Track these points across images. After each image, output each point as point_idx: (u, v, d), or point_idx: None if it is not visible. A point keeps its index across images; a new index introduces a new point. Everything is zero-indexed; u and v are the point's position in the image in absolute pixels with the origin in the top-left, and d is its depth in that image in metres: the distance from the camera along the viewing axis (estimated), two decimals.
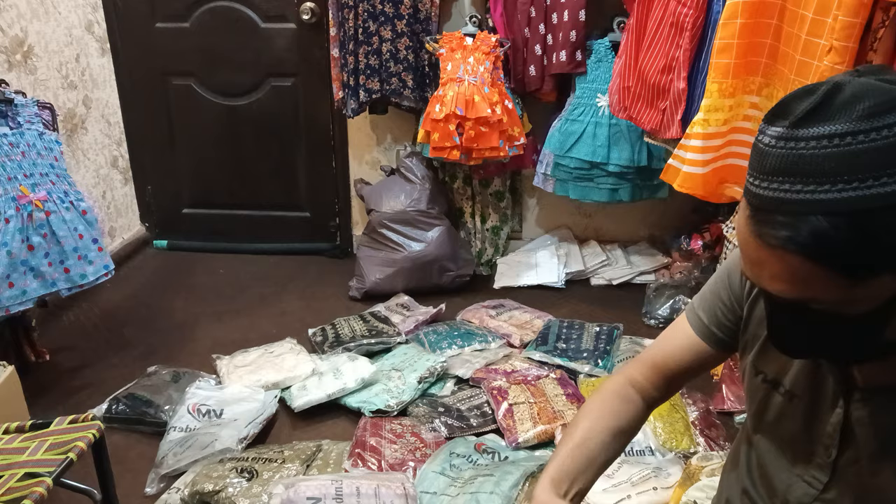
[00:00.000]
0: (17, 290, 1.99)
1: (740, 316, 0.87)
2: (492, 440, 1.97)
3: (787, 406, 0.80)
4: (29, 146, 2.09)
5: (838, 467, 0.76)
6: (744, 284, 0.86)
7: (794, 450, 0.80)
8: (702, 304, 0.92)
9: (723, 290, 0.89)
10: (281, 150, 3.26)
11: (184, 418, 2.02)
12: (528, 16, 2.65)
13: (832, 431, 0.75)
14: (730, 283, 0.88)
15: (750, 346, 0.85)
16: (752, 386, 0.85)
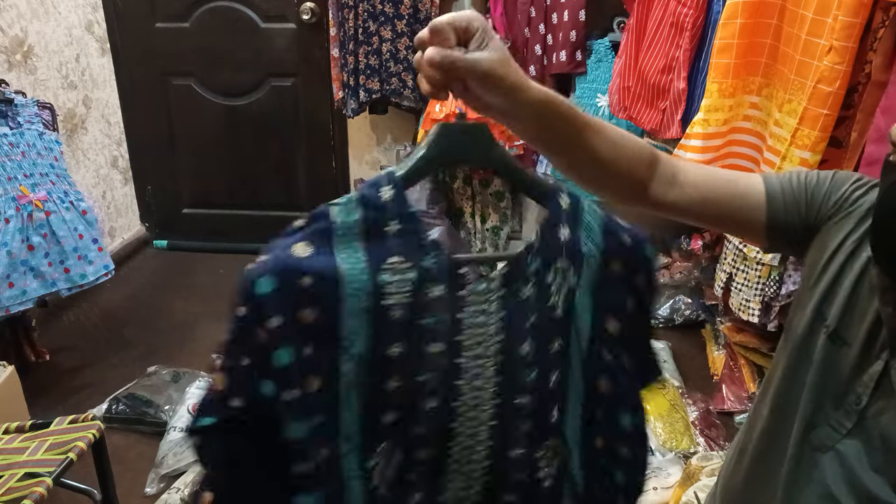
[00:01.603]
0: (17, 290, 1.99)
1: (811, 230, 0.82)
2: None
3: (832, 351, 0.80)
4: (29, 146, 2.09)
5: (865, 416, 0.77)
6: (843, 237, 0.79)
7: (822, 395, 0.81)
8: (784, 181, 0.83)
9: (819, 193, 0.81)
10: (281, 150, 3.26)
11: (184, 418, 2.02)
12: (528, 16, 2.65)
13: (868, 380, 0.76)
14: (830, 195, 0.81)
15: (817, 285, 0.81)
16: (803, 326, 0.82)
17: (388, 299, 0.61)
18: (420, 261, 0.62)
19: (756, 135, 1.80)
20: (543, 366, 0.65)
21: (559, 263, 0.66)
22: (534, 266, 0.66)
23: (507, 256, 0.67)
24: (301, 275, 0.61)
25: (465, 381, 0.65)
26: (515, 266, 0.66)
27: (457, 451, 0.66)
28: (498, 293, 0.65)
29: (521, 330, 0.65)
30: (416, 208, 0.65)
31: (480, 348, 0.65)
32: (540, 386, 0.66)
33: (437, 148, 0.66)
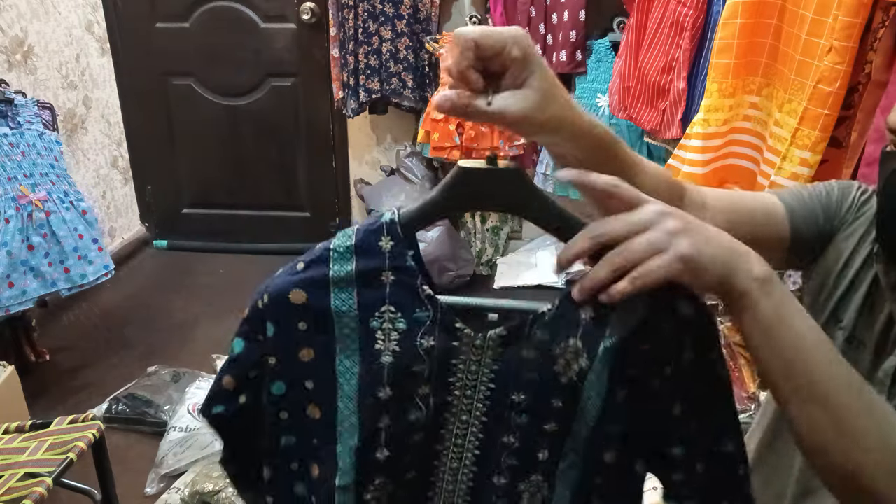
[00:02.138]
0: (17, 290, 1.99)
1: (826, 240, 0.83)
2: None
3: (849, 352, 0.80)
4: (29, 146, 2.09)
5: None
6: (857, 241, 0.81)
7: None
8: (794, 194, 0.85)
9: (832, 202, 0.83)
10: (281, 150, 3.26)
11: (184, 418, 2.02)
12: (528, 16, 2.65)
13: (884, 377, 0.76)
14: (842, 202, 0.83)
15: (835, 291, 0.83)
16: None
17: (377, 344, 0.64)
18: (412, 313, 0.64)
19: (756, 135, 1.80)
20: (538, 414, 0.64)
21: (570, 342, 0.62)
22: (538, 337, 0.63)
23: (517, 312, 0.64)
24: (298, 319, 0.65)
25: (452, 414, 0.66)
26: (517, 331, 0.63)
27: (441, 479, 0.69)
28: (496, 350, 0.64)
29: (517, 382, 0.64)
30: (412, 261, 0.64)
31: (470, 391, 0.66)
32: (530, 429, 0.65)
33: (452, 193, 0.63)
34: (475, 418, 0.66)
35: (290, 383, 0.67)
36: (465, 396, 0.66)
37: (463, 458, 0.68)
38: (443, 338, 0.64)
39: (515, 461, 0.66)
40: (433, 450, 0.68)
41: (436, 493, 0.69)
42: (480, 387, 0.65)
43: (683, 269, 0.56)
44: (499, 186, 0.62)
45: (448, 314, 0.64)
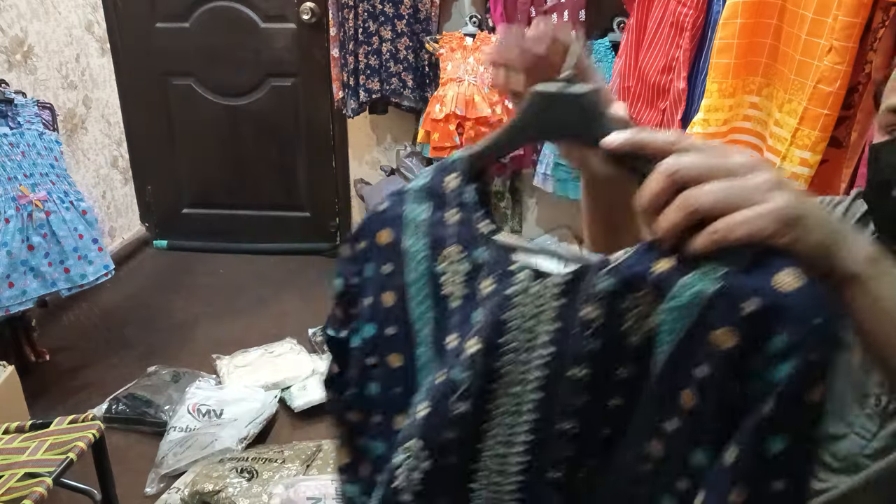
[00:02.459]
0: (17, 290, 1.99)
1: None
2: None
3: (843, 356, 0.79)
4: (29, 146, 2.09)
5: (886, 413, 0.75)
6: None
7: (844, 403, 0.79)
8: None
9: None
10: (281, 150, 3.26)
11: (184, 418, 2.02)
12: (528, 16, 2.65)
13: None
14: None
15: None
16: None
17: (444, 289, 0.61)
18: (473, 253, 0.59)
19: (756, 135, 1.80)
20: (600, 393, 0.56)
21: (641, 293, 0.52)
22: (603, 285, 0.54)
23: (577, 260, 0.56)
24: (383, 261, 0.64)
25: (500, 386, 0.59)
26: (580, 279, 0.55)
27: (487, 459, 0.61)
28: (554, 302, 0.56)
29: (577, 351, 0.56)
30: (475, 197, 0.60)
31: (523, 355, 0.58)
32: (590, 412, 0.57)
33: (528, 119, 0.57)
34: (528, 391, 0.58)
35: (378, 327, 0.65)
36: (517, 362, 0.58)
37: (511, 443, 0.60)
38: (500, 282, 0.58)
39: (573, 450, 0.58)
40: (478, 429, 0.60)
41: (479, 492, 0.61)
42: (536, 351, 0.57)
43: (782, 227, 0.46)
44: (574, 114, 0.55)
45: (505, 254, 0.58)
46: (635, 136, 0.51)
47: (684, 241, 0.48)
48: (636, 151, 0.51)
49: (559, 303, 0.56)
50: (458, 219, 0.60)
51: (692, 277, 0.49)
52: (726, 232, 0.46)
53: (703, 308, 0.49)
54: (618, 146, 0.52)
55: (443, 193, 0.61)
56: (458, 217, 0.60)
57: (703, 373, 0.50)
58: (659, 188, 0.48)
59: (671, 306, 0.50)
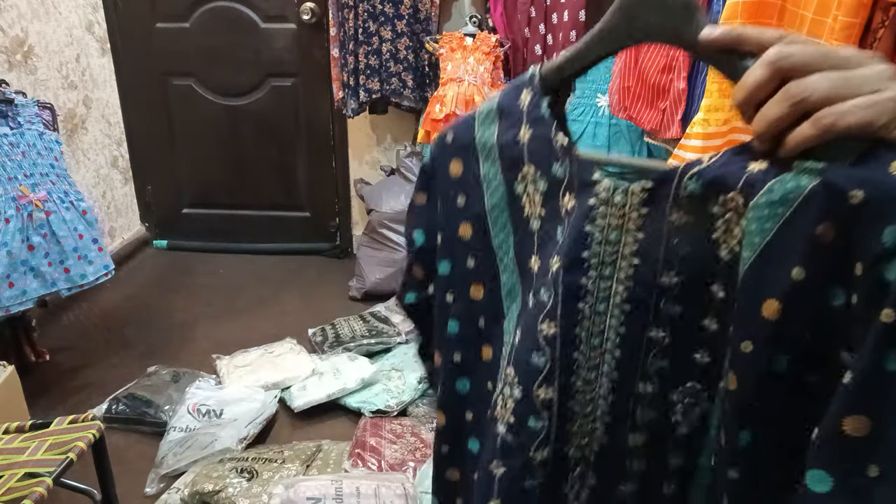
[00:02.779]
0: (17, 290, 1.99)
1: None
2: None
3: None
4: (29, 146, 2.09)
5: None
6: None
7: None
8: None
9: None
10: (281, 150, 3.26)
11: (184, 418, 2.02)
12: (528, 16, 2.65)
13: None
14: None
15: None
16: None
17: (525, 211, 0.59)
18: (550, 168, 0.57)
19: None
20: (694, 303, 0.52)
21: (731, 196, 0.48)
22: (691, 188, 0.50)
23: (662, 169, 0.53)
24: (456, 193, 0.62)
25: (587, 303, 0.56)
26: (667, 183, 0.51)
27: (579, 384, 0.58)
28: (639, 210, 0.53)
29: (666, 258, 0.52)
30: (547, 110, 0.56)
31: (609, 269, 0.55)
32: (684, 322, 0.53)
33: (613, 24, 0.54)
34: (615, 306, 0.55)
35: (453, 262, 0.63)
36: (603, 277, 0.55)
37: (601, 362, 0.56)
38: (581, 195, 0.55)
39: (666, 363, 0.54)
40: (569, 361, 0.57)
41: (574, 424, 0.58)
42: (621, 262, 0.54)
43: (891, 118, 0.41)
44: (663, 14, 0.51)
45: (585, 165, 0.55)
46: (736, 28, 0.47)
47: (782, 143, 0.44)
48: (736, 46, 0.47)
49: (645, 210, 0.53)
50: (532, 135, 0.57)
51: (789, 175, 0.44)
52: (836, 118, 0.41)
53: (799, 204, 0.44)
54: (716, 38, 0.48)
55: (515, 111, 0.58)
56: (531, 133, 0.57)
57: (798, 276, 0.45)
58: (763, 77, 0.44)
59: (762, 202, 0.46)
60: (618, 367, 0.56)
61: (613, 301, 0.55)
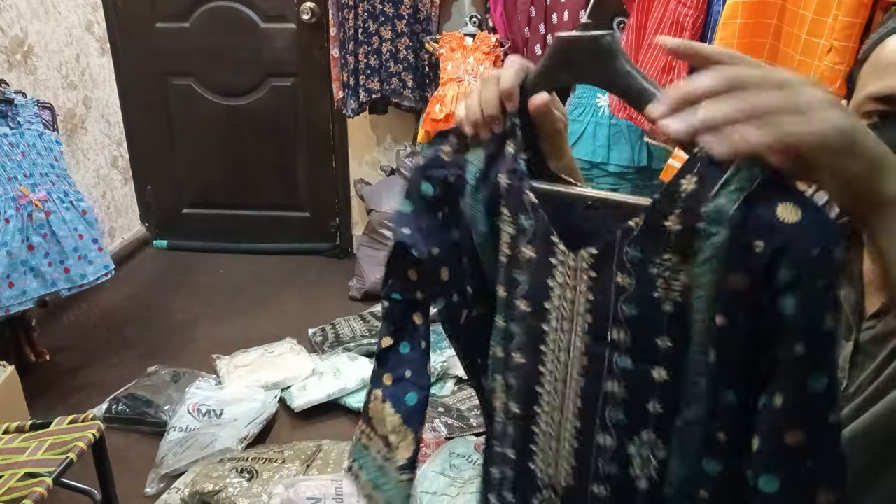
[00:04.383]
0: (17, 290, 1.99)
1: None
2: None
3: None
4: (29, 146, 2.09)
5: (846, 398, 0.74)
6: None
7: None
8: None
9: None
10: (281, 150, 3.26)
11: (184, 418, 2.02)
12: (528, 16, 2.65)
13: (843, 363, 0.74)
14: None
15: None
16: None
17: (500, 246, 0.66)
18: (518, 219, 0.63)
19: None
20: (643, 357, 0.57)
21: (666, 257, 0.54)
22: (631, 255, 0.56)
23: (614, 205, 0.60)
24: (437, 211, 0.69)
25: (549, 349, 0.62)
26: (607, 251, 0.57)
27: (544, 421, 0.65)
28: (588, 273, 0.59)
29: (615, 317, 0.58)
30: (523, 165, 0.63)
31: (567, 323, 0.61)
32: (635, 375, 0.58)
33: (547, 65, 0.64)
34: (575, 358, 0.61)
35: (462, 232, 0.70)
36: (563, 330, 0.61)
37: (564, 407, 0.62)
38: (541, 251, 0.61)
39: (622, 415, 0.59)
40: (533, 390, 0.64)
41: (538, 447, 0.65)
42: (577, 319, 0.60)
43: (833, 141, 0.45)
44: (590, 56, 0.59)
45: (547, 226, 0.61)
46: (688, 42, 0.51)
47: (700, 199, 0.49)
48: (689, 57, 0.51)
49: (594, 274, 0.59)
50: (508, 184, 0.64)
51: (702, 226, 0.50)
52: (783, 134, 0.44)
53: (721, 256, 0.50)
54: (673, 47, 0.51)
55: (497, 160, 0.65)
56: (508, 183, 0.64)
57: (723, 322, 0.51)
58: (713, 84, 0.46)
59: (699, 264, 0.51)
60: (579, 417, 0.62)
61: (573, 354, 0.61)
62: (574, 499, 0.64)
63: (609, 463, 0.61)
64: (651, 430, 0.58)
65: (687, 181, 0.52)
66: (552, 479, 0.65)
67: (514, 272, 0.64)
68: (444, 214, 0.70)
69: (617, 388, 0.59)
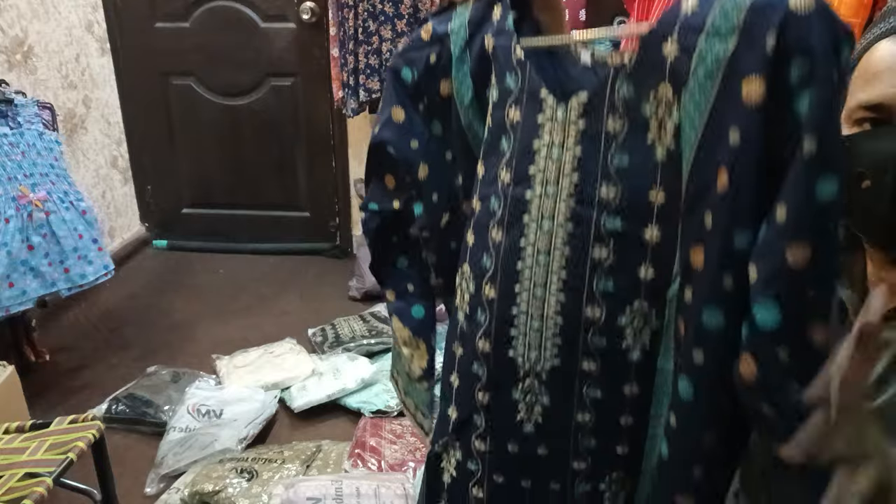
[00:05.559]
0: (17, 290, 1.99)
1: None
2: None
3: None
4: (29, 146, 2.09)
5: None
6: None
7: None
8: None
9: None
10: (281, 150, 3.26)
11: (184, 418, 2.02)
12: None
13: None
14: None
15: None
16: None
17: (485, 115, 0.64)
18: (504, 80, 0.61)
19: None
20: (633, 218, 0.55)
21: (660, 90, 0.52)
22: (623, 92, 0.53)
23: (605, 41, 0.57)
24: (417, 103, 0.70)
25: (532, 219, 0.59)
26: (598, 95, 0.54)
27: (525, 301, 0.60)
28: (577, 124, 0.56)
29: (603, 172, 0.55)
30: (511, 25, 0.61)
31: (552, 187, 0.58)
32: (624, 239, 0.55)
33: None
34: (559, 226, 0.58)
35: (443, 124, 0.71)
36: (547, 195, 0.58)
37: (548, 282, 0.59)
38: (528, 110, 0.59)
39: (611, 283, 0.57)
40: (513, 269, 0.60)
41: (518, 331, 0.62)
42: (563, 181, 0.57)
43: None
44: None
45: (535, 81, 0.58)
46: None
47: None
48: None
49: (583, 124, 0.56)
50: (495, 44, 0.62)
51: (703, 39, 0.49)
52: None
53: (732, 64, 0.48)
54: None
55: (485, 23, 0.64)
56: (495, 43, 0.62)
57: (735, 139, 0.48)
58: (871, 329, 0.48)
59: (691, 86, 0.49)
60: (564, 290, 0.58)
61: (557, 220, 0.58)
62: (560, 381, 0.61)
63: (598, 336, 0.58)
64: (642, 298, 0.55)
65: (687, 4, 0.50)
66: (534, 364, 0.61)
67: (500, 140, 0.61)
68: (424, 107, 0.68)
69: (605, 253, 0.56)
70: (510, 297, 0.61)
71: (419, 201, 0.71)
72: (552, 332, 0.59)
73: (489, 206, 0.61)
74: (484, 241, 0.62)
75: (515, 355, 0.62)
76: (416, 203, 0.71)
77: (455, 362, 0.69)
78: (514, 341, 0.62)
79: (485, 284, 0.63)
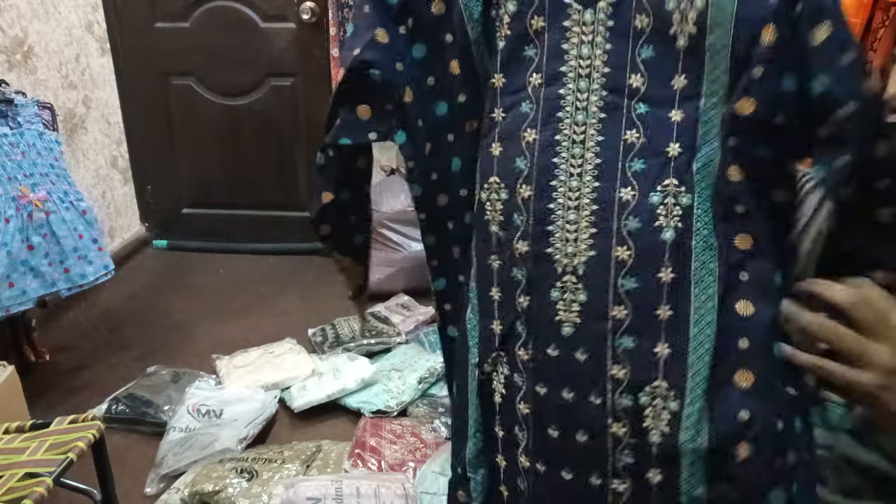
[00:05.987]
0: (17, 290, 1.99)
1: None
2: None
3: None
4: (29, 146, 2.09)
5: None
6: None
7: None
8: None
9: None
10: (280, 150, 3.26)
11: (184, 418, 2.02)
12: None
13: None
14: None
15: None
16: None
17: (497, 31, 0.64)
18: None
19: None
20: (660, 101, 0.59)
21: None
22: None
23: None
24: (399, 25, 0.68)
25: (566, 112, 0.62)
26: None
27: (562, 193, 0.62)
28: (606, 24, 0.59)
29: (633, 62, 0.59)
30: None
31: (584, 81, 0.61)
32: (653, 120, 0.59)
33: None
34: (591, 115, 0.61)
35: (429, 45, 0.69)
36: (580, 90, 0.61)
37: (583, 171, 0.61)
38: (553, 18, 0.61)
39: (642, 163, 0.60)
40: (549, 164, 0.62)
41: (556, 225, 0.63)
42: (594, 74, 0.60)
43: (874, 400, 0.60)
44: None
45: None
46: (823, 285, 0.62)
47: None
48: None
49: (611, 23, 0.59)
50: None
51: None
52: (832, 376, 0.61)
53: None
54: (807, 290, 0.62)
55: None
56: None
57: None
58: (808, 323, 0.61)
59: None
60: (599, 173, 0.61)
61: (590, 111, 0.61)
62: (595, 274, 0.62)
63: (632, 218, 0.60)
64: (671, 175, 0.59)
65: None
66: (571, 259, 0.63)
67: (523, 49, 0.63)
68: (407, 28, 0.68)
69: (636, 136, 0.59)
70: (547, 193, 0.63)
71: (402, 129, 0.70)
72: (587, 221, 0.61)
73: (519, 110, 0.63)
74: (516, 145, 0.63)
75: (554, 251, 0.63)
76: (399, 132, 0.70)
77: (493, 275, 0.69)
78: (552, 237, 0.63)
79: (519, 187, 0.64)
